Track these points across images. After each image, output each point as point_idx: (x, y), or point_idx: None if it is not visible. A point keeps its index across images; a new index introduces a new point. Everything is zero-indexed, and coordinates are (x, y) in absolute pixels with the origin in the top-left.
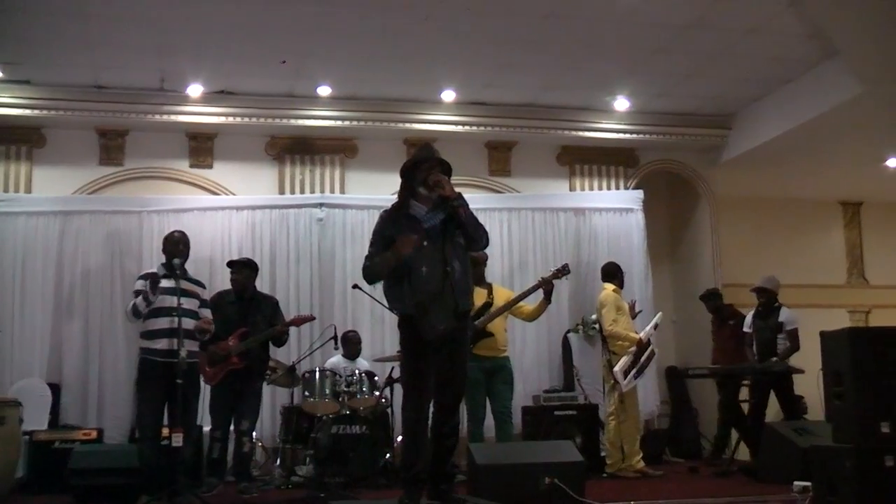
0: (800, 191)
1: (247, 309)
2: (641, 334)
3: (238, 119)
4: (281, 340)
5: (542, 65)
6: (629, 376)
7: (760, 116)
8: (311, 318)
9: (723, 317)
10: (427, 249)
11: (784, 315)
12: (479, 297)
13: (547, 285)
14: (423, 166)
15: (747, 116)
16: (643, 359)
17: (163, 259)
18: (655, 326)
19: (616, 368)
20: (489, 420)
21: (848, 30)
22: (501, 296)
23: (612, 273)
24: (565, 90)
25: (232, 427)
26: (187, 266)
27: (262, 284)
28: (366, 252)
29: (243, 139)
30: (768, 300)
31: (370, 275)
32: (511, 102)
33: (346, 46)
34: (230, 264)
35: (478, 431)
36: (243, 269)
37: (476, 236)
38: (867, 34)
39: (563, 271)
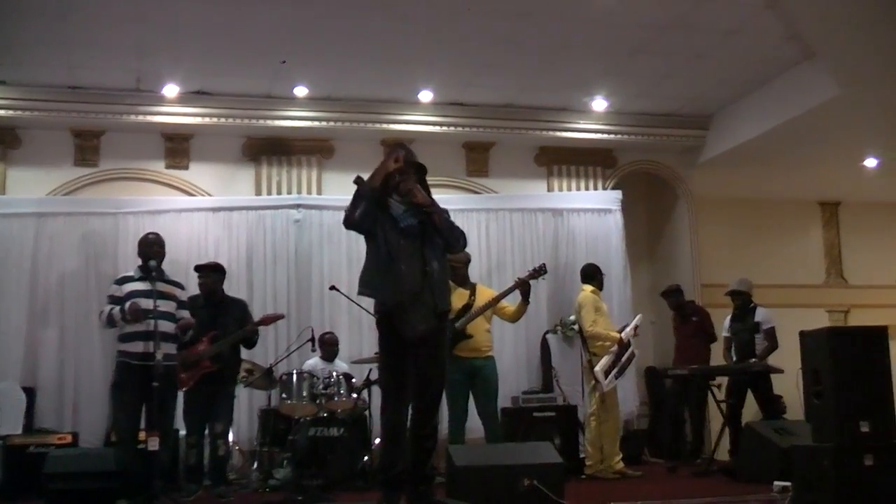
0: (778, 191)
1: (217, 313)
2: (622, 335)
3: (214, 120)
4: (252, 342)
5: (520, 65)
6: (610, 376)
7: (739, 117)
8: (280, 317)
9: (685, 313)
10: (405, 248)
11: (760, 315)
12: (461, 298)
13: (524, 286)
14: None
15: (726, 117)
16: (624, 359)
17: (139, 262)
18: (636, 328)
19: (597, 368)
20: (471, 422)
21: (825, 32)
22: (485, 296)
23: (591, 274)
24: (543, 91)
25: (207, 431)
26: (164, 268)
27: (238, 286)
28: (344, 254)
29: (219, 140)
30: (743, 302)
31: (352, 206)
32: (489, 103)
33: (323, 47)
34: (197, 269)
35: (458, 433)
36: (211, 273)
37: (452, 240)
38: (844, 36)
39: (539, 271)
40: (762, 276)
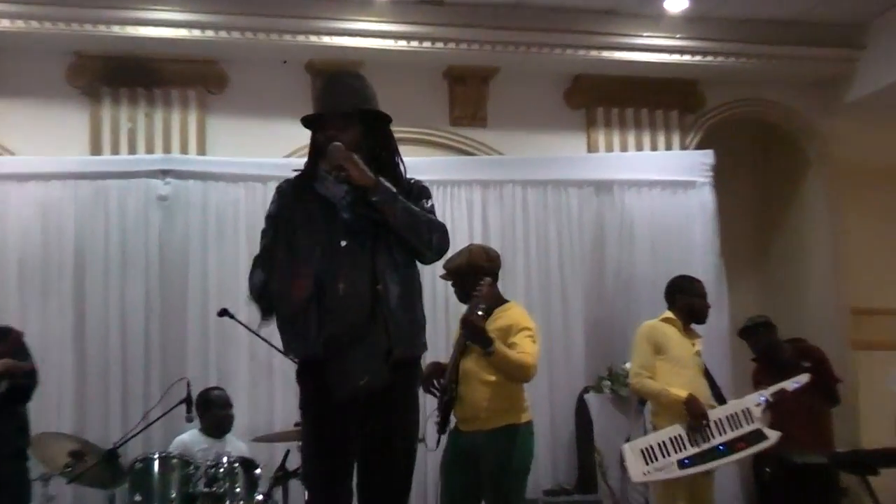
0: None
1: None
2: (734, 402)
3: (19, 24)
4: (19, 392)
5: None
6: (667, 462)
7: None
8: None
9: (781, 360)
10: (345, 254)
11: None
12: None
13: (464, 327)
14: (328, 121)
15: (892, 28)
16: (721, 441)
17: None
18: (777, 394)
19: (626, 446)
20: None
21: None
22: (505, 323)
23: (674, 291)
24: None
25: None
26: None
27: (61, 304)
28: (242, 255)
29: (28, 59)
30: None
31: (256, 284)
32: (485, 1)
33: None
34: None
35: None
36: None
37: (417, 243)
38: None
39: (476, 304)
40: None
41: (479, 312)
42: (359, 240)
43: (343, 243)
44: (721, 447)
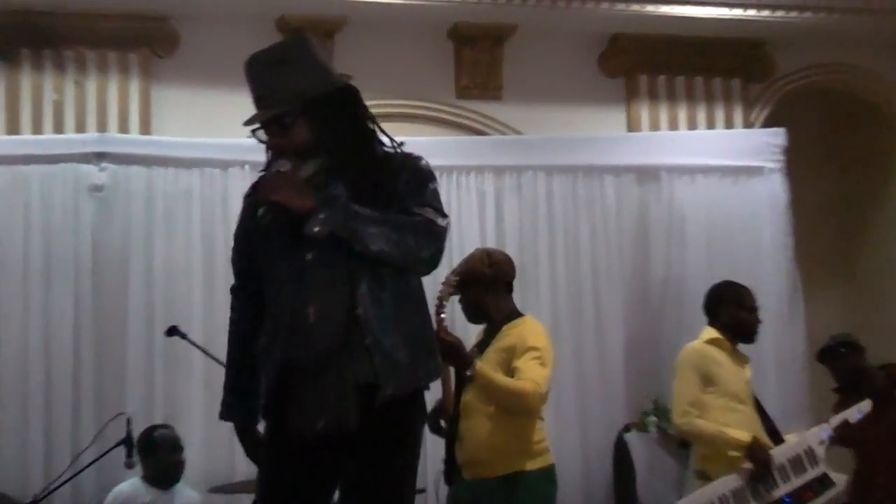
0: None
1: None
2: (793, 441)
3: None
4: None
5: None
6: None
7: None
8: None
9: (871, 391)
10: (317, 272)
11: None
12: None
13: (440, 344)
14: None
15: None
16: (787, 489)
17: None
18: (839, 429)
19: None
20: None
21: None
22: (519, 347)
23: (716, 302)
24: None
25: None
26: None
27: None
28: (198, 260)
29: None
30: None
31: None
32: None
33: None
34: None
35: None
36: None
37: (397, 260)
38: None
39: (439, 308)
40: None
41: (442, 315)
42: (333, 252)
43: (308, 256)
44: (786, 499)
